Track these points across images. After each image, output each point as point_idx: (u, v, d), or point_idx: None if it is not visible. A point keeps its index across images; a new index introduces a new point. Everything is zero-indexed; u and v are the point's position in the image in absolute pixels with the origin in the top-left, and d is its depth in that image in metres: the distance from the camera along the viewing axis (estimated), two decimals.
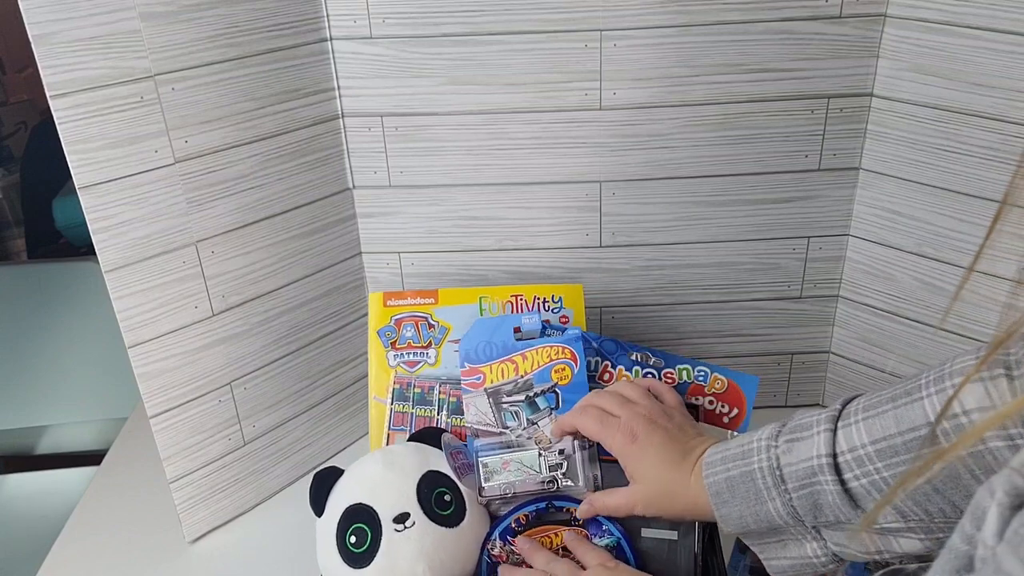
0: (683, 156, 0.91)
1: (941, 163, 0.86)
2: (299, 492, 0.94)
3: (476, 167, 0.92)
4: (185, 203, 0.79)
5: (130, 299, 0.77)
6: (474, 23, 0.85)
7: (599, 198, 0.93)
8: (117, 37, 0.71)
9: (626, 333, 1.01)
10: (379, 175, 0.93)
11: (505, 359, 0.80)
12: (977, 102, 0.81)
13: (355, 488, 0.73)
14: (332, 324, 0.96)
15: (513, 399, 0.78)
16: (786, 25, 0.85)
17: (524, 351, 0.80)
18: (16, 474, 1.41)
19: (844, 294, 0.98)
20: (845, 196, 0.93)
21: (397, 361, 0.87)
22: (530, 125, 0.90)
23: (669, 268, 0.97)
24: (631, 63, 0.86)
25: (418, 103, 0.89)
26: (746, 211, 0.94)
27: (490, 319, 0.84)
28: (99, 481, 1.00)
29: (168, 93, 0.75)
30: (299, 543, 0.82)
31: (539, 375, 0.79)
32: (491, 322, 0.82)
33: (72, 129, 0.70)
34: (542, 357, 0.79)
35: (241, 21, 0.78)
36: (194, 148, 0.78)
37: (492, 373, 0.79)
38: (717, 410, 0.84)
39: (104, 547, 0.90)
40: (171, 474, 0.85)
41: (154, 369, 0.81)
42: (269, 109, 0.83)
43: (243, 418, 0.89)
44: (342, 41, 0.86)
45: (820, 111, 0.89)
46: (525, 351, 0.80)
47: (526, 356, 0.80)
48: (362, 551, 0.70)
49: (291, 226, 0.88)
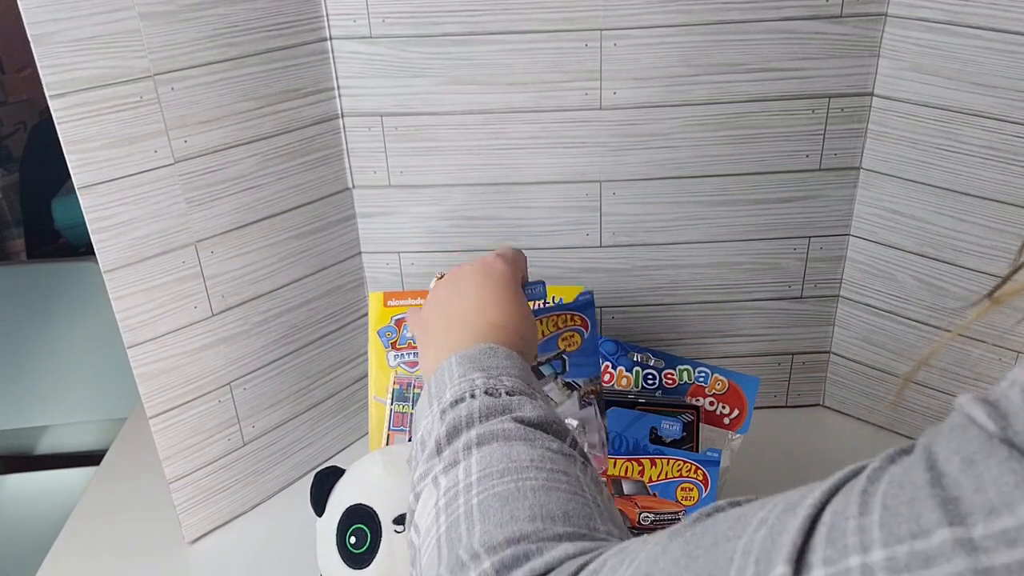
0: (683, 156, 0.91)
1: (942, 163, 0.85)
2: (299, 492, 0.94)
3: (476, 167, 0.92)
4: (184, 203, 0.79)
5: (129, 299, 0.77)
6: (474, 23, 0.85)
7: (599, 198, 0.93)
8: (116, 37, 0.71)
9: (626, 333, 1.00)
10: (379, 175, 0.93)
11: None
12: (978, 102, 0.81)
13: (356, 488, 0.73)
14: (332, 324, 0.95)
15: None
16: (787, 24, 0.85)
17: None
18: (16, 474, 1.41)
19: (844, 294, 0.98)
20: (846, 196, 0.93)
21: (397, 361, 0.87)
22: (530, 125, 0.90)
23: (669, 268, 0.97)
24: (631, 63, 0.86)
25: (418, 103, 0.89)
26: (746, 211, 0.94)
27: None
28: (99, 481, 1.00)
29: (167, 93, 0.75)
30: (299, 543, 0.82)
31: (544, 345, 0.73)
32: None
33: (71, 129, 0.70)
34: (547, 327, 0.73)
35: (241, 21, 0.78)
36: (193, 148, 0.78)
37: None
38: (718, 411, 0.84)
39: (104, 547, 0.90)
40: (171, 474, 0.85)
41: (154, 369, 0.81)
42: (269, 109, 0.83)
43: (243, 418, 0.89)
44: (342, 41, 0.86)
45: (821, 111, 0.89)
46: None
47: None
48: (362, 551, 0.70)
49: (291, 226, 0.88)
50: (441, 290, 0.61)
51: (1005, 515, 0.23)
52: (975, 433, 0.24)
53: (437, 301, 0.60)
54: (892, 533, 0.24)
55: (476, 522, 0.40)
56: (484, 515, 0.40)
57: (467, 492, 0.41)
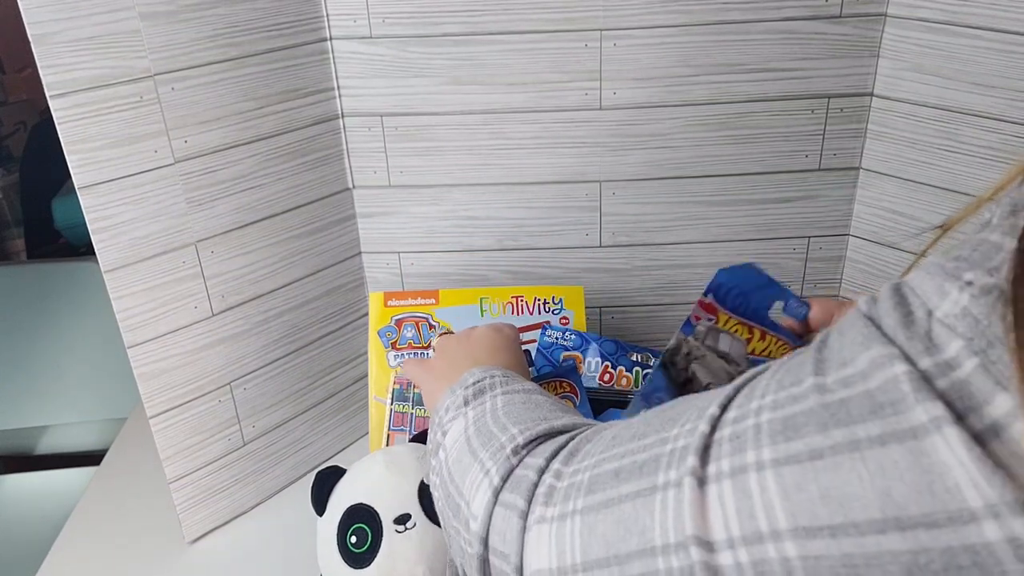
0: (683, 156, 0.91)
1: (941, 163, 0.86)
2: (299, 492, 0.94)
3: (476, 167, 0.92)
4: (185, 203, 0.79)
5: (130, 299, 0.77)
6: (474, 23, 0.85)
7: (599, 198, 0.93)
8: (117, 37, 0.71)
9: (626, 333, 1.01)
10: (379, 175, 0.93)
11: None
12: (977, 102, 0.81)
13: (356, 488, 0.73)
14: (332, 324, 0.95)
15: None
16: (787, 25, 0.85)
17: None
18: (16, 474, 1.41)
19: (844, 294, 0.98)
20: (845, 196, 0.93)
21: (397, 361, 0.87)
22: (530, 125, 0.90)
23: (669, 268, 0.97)
24: (631, 63, 0.86)
25: (418, 103, 0.89)
26: (746, 211, 0.94)
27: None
28: (99, 481, 1.00)
29: (168, 93, 0.75)
30: (299, 543, 0.82)
31: None
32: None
33: (72, 129, 0.70)
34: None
35: (241, 21, 0.78)
36: (194, 148, 0.78)
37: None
38: None
39: (104, 547, 0.90)
40: (171, 474, 0.85)
41: (154, 369, 0.81)
42: (269, 109, 0.83)
43: (243, 418, 0.89)
44: (342, 41, 0.86)
45: (820, 111, 0.89)
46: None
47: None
48: (362, 551, 0.70)
49: (291, 226, 0.88)
50: (451, 341, 0.66)
51: (849, 366, 0.30)
52: (853, 314, 0.32)
53: (446, 349, 0.65)
54: (780, 384, 0.32)
55: (502, 417, 0.49)
56: (508, 414, 0.49)
57: (493, 411, 0.50)
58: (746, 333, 0.71)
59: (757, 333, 0.71)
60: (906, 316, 0.29)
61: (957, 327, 0.28)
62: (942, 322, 0.28)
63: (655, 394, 0.70)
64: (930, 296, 0.29)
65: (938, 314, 0.28)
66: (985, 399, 0.26)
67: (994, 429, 0.26)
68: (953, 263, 0.29)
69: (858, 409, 0.29)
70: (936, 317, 0.28)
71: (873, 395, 0.28)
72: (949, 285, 0.29)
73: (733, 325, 0.71)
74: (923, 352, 0.28)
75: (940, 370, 0.27)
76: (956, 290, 0.28)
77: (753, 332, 0.71)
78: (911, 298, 0.30)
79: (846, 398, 0.29)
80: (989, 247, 0.29)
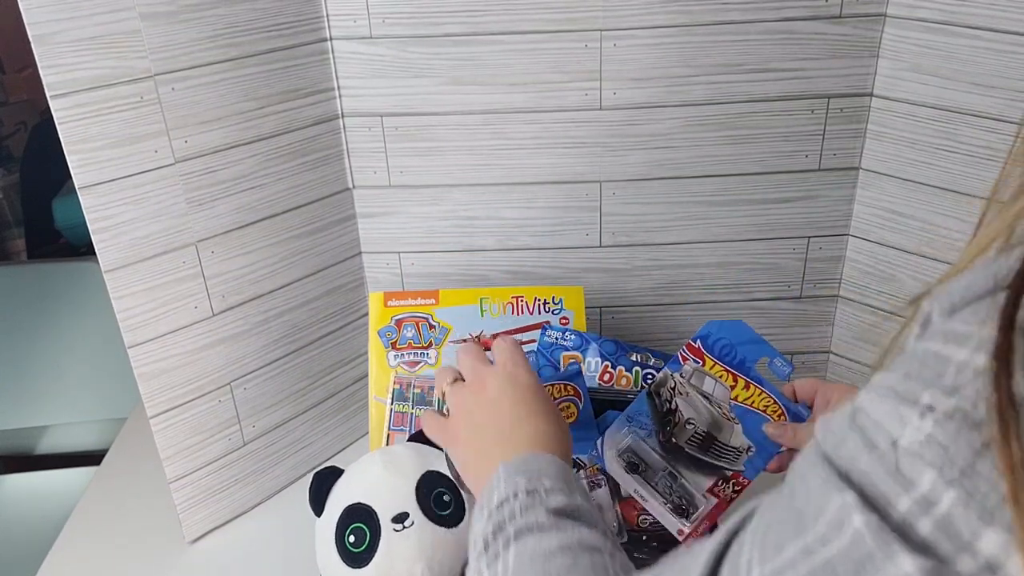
0: (683, 156, 0.91)
1: (941, 163, 0.86)
2: (299, 492, 0.94)
3: (476, 167, 0.92)
4: (185, 203, 0.79)
5: (130, 299, 0.77)
6: (474, 23, 0.85)
7: (599, 198, 0.93)
8: (117, 37, 0.71)
9: (626, 333, 1.01)
10: (379, 175, 0.93)
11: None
12: (977, 102, 0.81)
13: (355, 488, 0.73)
14: (332, 324, 0.96)
15: None
16: (786, 25, 0.85)
17: None
18: (16, 474, 1.41)
19: (844, 294, 0.98)
20: (845, 196, 0.93)
21: (397, 361, 0.87)
22: (530, 125, 0.90)
23: (669, 268, 0.97)
24: (631, 63, 0.86)
25: (418, 103, 0.89)
26: (746, 211, 0.94)
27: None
28: (99, 481, 1.00)
29: (168, 93, 0.75)
30: (299, 543, 0.82)
31: None
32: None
33: (72, 129, 0.70)
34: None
35: (241, 21, 0.78)
36: (194, 148, 0.78)
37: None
38: None
39: (104, 547, 0.90)
40: (171, 474, 0.85)
41: (154, 369, 0.81)
42: (269, 109, 0.83)
43: (243, 418, 0.89)
44: (342, 41, 0.86)
45: (820, 111, 0.89)
46: None
47: None
48: (361, 550, 0.70)
49: (291, 226, 0.88)
50: (470, 402, 0.62)
51: (820, 519, 0.29)
52: (811, 452, 0.31)
53: (468, 413, 0.62)
54: (763, 557, 0.31)
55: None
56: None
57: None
58: (731, 380, 0.74)
59: (741, 382, 0.74)
60: (870, 450, 0.28)
61: (924, 455, 0.27)
62: (908, 451, 0.27)
63: (638, 417, 0.75)
64: (891, 424, 0.28)
65: (903, 443, 0.27)
66: (973, 536, 0.25)
67: (989, 568, 0.25)
68: (904, 384, 0.28)
69: (843, 568, 0.28)
70: (901, 447, 0.28)
71: (849, 553, 0.28)
72: (907, 411, 0.28)
73: (719, 371, 0.74)
74: (900, 491, 0.27)
75: (921, 508, 0.27)
76: (916, 416, 0.27)
77: (738, 380, 0.74)
78: (870, 429, 0.29)
79: (830, 558, 0.28)
80: (936, 361, 0.28)
